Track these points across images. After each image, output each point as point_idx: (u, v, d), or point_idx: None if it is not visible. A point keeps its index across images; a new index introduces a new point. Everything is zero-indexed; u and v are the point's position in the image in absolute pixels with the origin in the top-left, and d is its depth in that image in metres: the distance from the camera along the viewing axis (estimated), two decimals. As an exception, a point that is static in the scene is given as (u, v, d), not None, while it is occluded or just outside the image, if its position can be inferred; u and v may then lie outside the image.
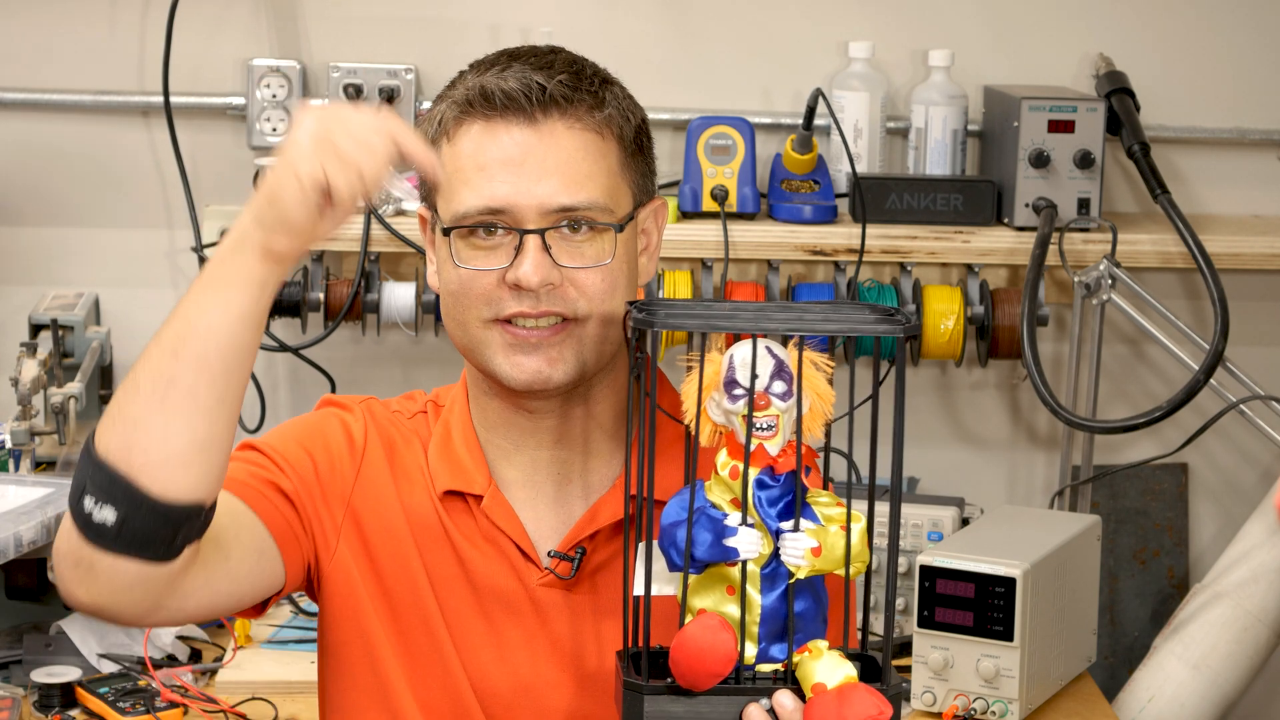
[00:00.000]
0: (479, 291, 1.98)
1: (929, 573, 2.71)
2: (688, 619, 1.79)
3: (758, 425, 1.76)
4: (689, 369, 1.79)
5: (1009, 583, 2.68)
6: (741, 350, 1.76)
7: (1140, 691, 3.04)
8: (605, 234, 1.99)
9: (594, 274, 1.98)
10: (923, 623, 2.72)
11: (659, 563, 1.80)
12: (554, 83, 1.98)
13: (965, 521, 3.08)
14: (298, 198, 1.75)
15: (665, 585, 1.80)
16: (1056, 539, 2.81)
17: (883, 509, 1.83)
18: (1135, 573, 3.52)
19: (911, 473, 3.43)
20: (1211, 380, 3.08)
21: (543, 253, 1.96)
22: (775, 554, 1.77)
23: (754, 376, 1.75)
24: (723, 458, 1.78)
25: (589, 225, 1.98)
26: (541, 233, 1.96)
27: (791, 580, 1.77)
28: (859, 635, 1.91)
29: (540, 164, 1.97)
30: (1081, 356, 3.31)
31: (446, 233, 1.99)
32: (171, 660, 2.84)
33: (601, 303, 1.99)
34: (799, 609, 1.78)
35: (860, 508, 1.82)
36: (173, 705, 2.70)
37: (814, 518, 1.78)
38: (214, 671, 2.83)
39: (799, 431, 1.76)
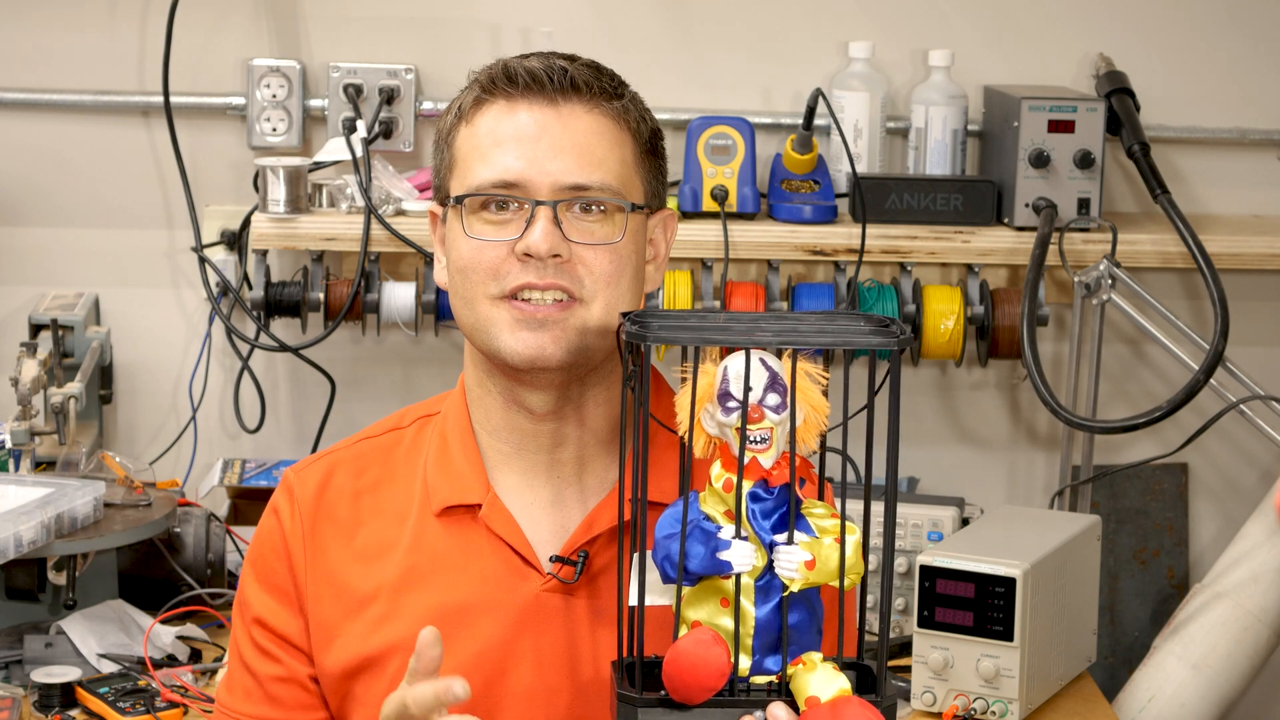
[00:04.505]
0: (487, 264, 1.99)
1: (929, 573, 2.71)
2: (682, 631, 1.78)
3: (751, 438, 1.75)
4: (683, 380, 1.79)
5: (1009, 583, 2.67)
6: (735, 363, 1.76)
7: (1140, 691, 3.04)
8: (616, 218, 2.01)
9: (602, 254, 1.99)
10: (923, 623, 2.72)
11: (653, 573, 1.80)
12: (576, 67, 2.02)
13: (965, 521, 3.08)
14: None
15: (660, 596, 1.80)
16: (1056, 539, 2.80)
17: (877, 508, 1.83)
18: (1135, 573, 3.51)
19: (911, 472, 3.43)
20: (1211, 380, 3.08)
21: (552, 224, 1.98)
22: (769, 566, 1.77)
23: (747, 389, 1.75)
24: (717, 470, 1.78)
25: (600, 208, 1.99)
26: (554, 205, 1.98)
27: (785, 593, 1.77)
28: (856, 635, 1.90)
29: (556, 142, 1.99)
30: (1081, 356, 3.31)
31: (459, 200, 2.00)
32: (171, 660, 2.84)
33: (607, 285, 2.00)
34: (793, 621, 1.78)
35: (855, 509, 1.82)
36: (173, 705, 2.70)
37: (808, 530, 1.77)
38: (214, 671, 2.82)
39: (793, 443, 1.76)
